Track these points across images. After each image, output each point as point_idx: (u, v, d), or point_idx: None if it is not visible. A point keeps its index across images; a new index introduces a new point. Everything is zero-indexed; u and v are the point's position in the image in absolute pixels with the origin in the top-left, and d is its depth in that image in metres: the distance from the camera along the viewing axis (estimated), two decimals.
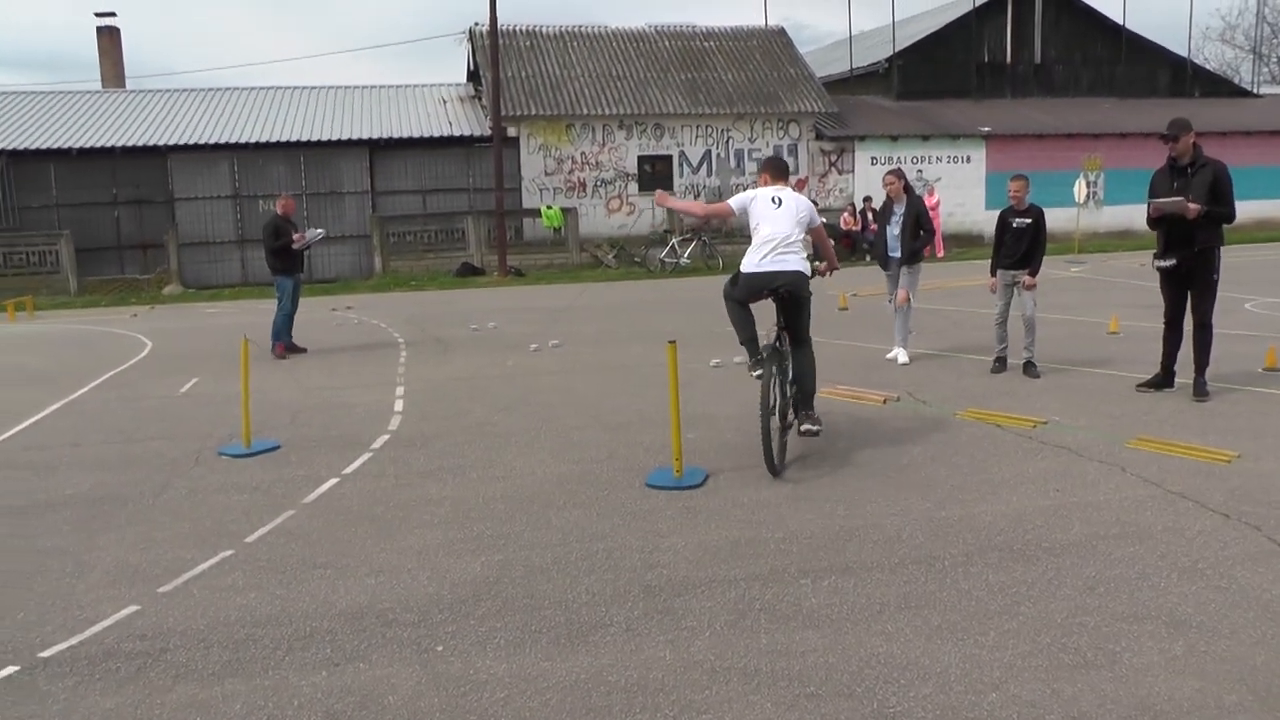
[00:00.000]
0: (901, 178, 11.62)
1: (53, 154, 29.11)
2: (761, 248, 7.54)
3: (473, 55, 34.50)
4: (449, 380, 11.63)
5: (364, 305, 21.67)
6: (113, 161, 29.31)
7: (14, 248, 28.09)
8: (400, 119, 31.98)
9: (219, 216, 29.17)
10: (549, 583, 5.27)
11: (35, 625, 5.19)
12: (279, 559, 5.93)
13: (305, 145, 29.79)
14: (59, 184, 29.15)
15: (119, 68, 39.57)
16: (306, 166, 29.55)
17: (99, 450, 9.17)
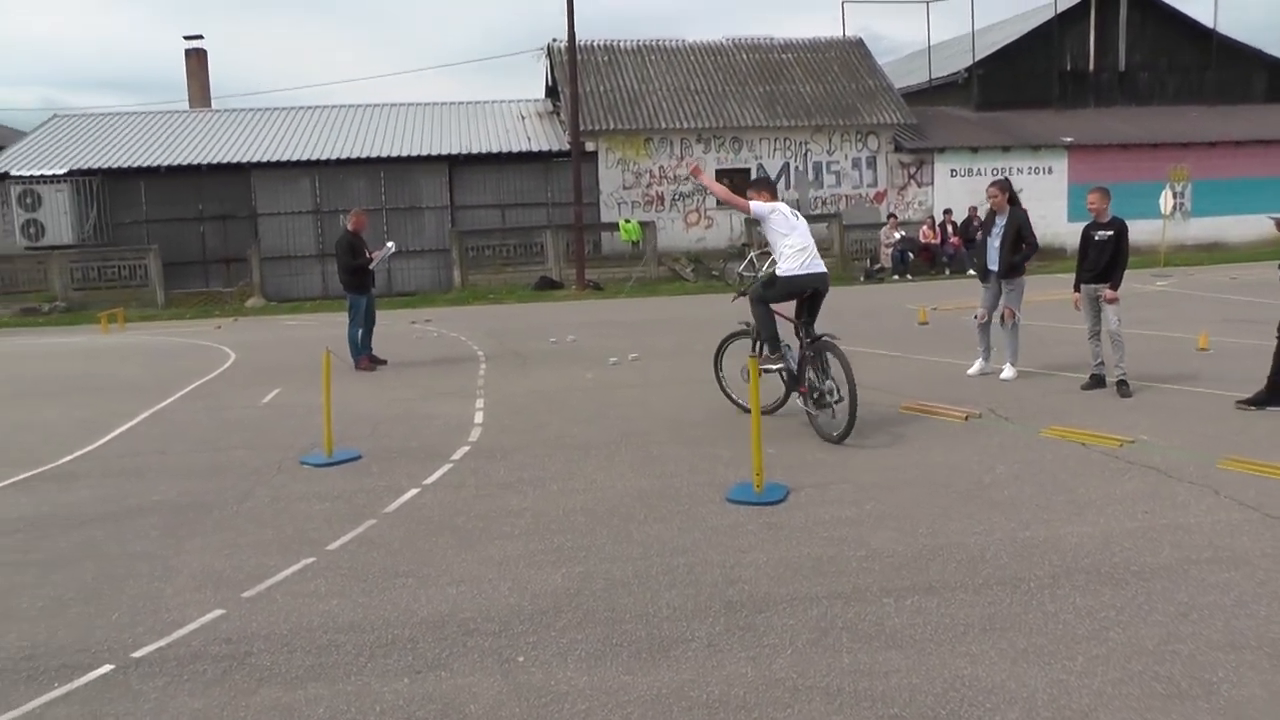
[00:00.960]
0: (1005, 189, 11.29)
1: (143, 172, 29.95)
2: (800, 254, 9.03)
3: (551, 71, 34.81)
4: (528, 393, 11.72)
5: (443, 318, 21.91)
6: (199, 178, 30.07)
7: (107, 261, 28.91)
8: (479, 135, 32.31)
9: (300, 231, 29.74)
10: (630, 596, 5.27)
11: (128, 626, 5.34)
12: (361, 567, 6.01)
13: (385, 161, 30.24)
14: (148, 201, 29.95)
15: (205, 89, 40.62)
16: (386, 182, 29.98)
17: (185, 458, 9.39)
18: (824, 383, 8.80)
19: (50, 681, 4.74)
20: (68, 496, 8.20)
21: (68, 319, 26.90)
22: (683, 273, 28.98)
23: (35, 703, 4.54)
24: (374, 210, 29.05)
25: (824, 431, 8.76)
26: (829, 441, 8.60)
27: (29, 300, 28.32)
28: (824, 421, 8.84)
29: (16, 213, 28.67)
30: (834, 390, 8.76)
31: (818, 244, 9.61)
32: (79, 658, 4.98)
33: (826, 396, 8.76)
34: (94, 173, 29.76)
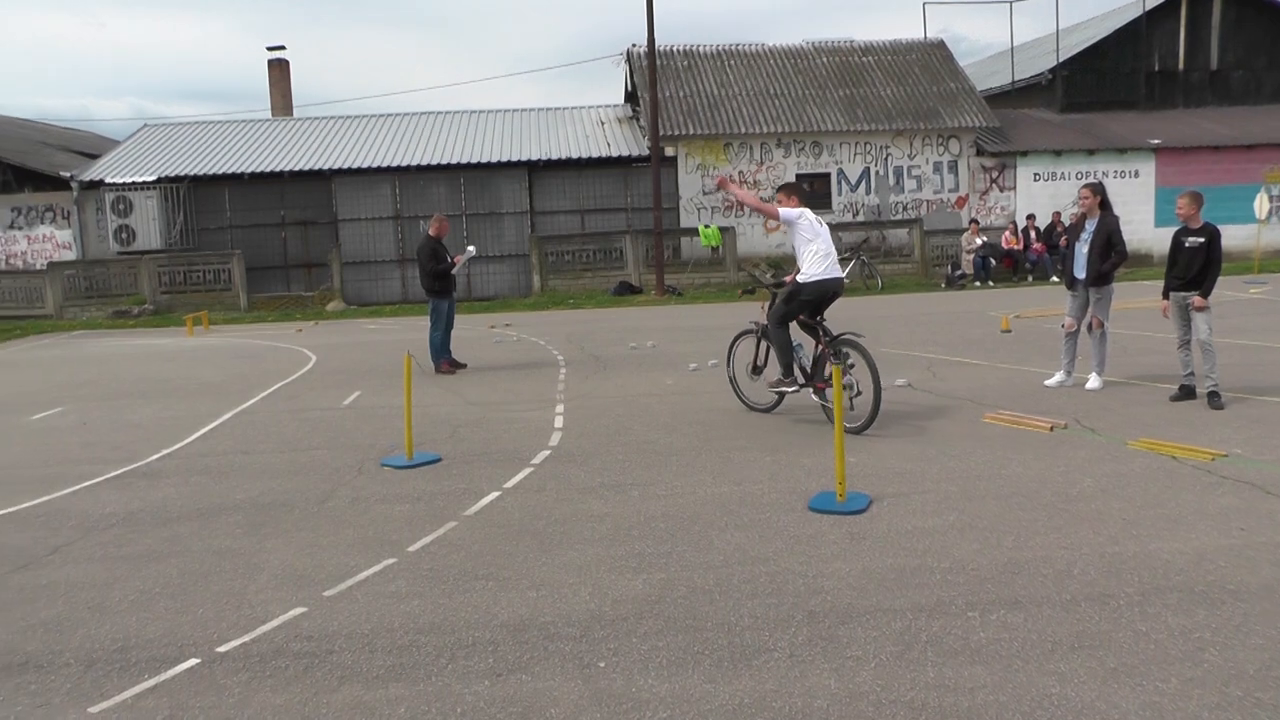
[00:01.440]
0: (1098, 193, 10.89)
1: (227, 179, 30.64)
2: (825, 259, 9.64)
3: (631, 76, 34.92)
4: (608, 398, 11.74)
5: (522, 323, 22.04)
6: (281, 185, 30.69)
7: (193, 266, 29.60)
8: (559, 140, 32.49)
9: (380, 236, 30.15)
10: (711, 604, 5.24)
11: (212, 621, 5.46)
12: (441, 569, 6.05)
13: (465, 167, 30.54)
14: (232, 207, 30.65)
15: (288, 97, 41.45)
16: (466, 187, 30.26)
17: (268, 458, 9.57)
18: (844, 378, 9.03)
19: (140, 673, 4.87)
20: (156, 493, 8.43)
21: (155, 321, 27.54)
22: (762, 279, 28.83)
23: (127, 693, 4.66)
24: (454, 216, 29.42)
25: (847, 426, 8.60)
26: (850, 432, 8.87)
27: (120, 303, 29.14)
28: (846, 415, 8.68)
29: (110, 219, 29.52)
30: (853, 385, 9.21)
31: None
32: (167, 651, 5.11)
33: (845, 391, 8.91)
34: (181, 180, 30.54)
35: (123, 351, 20.50)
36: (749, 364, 10.71)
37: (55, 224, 31.51)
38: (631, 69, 34.55)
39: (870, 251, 28.87)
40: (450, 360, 14.50)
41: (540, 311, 25.62)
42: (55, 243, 31.47)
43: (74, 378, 16.67)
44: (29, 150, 34.63)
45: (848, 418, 8.96)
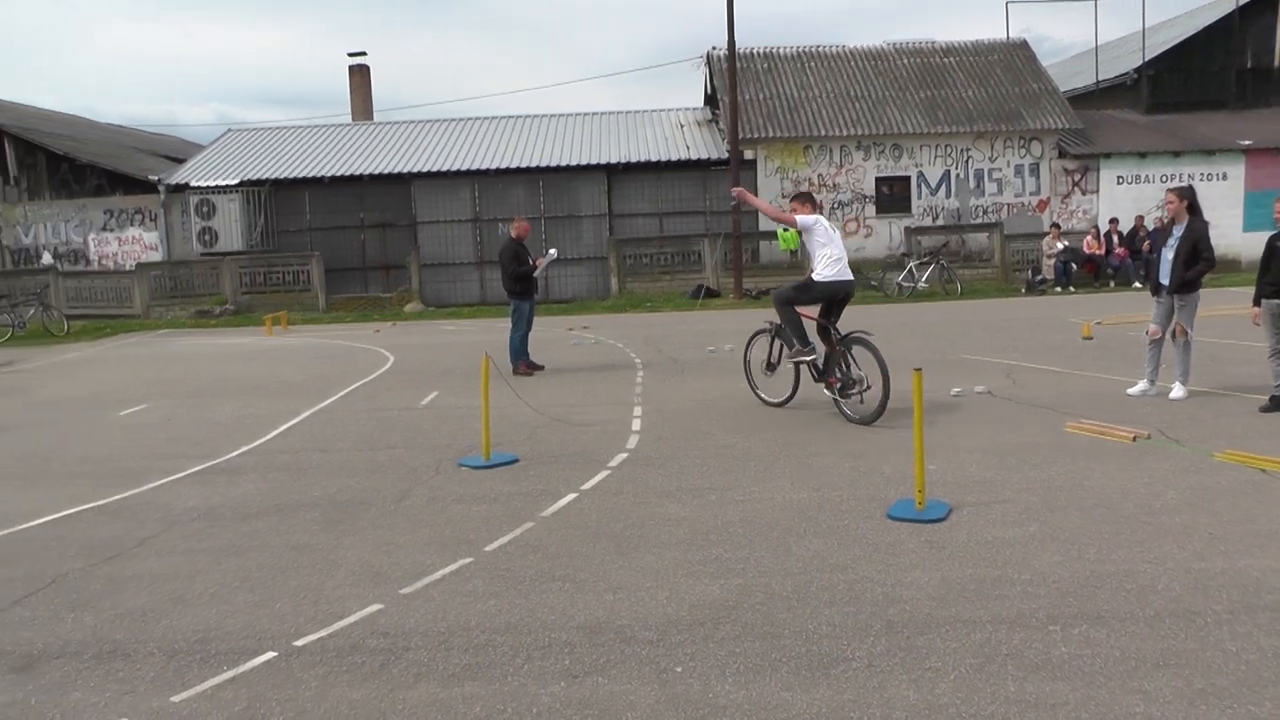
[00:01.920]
0: (1185, 197, 10.61)
1: (308, 182, 31.18)
2: (837, 263, 10.43)
3: (710, 79, 34.87)
4: (686, 401, 11.72)
5: (600, 325, 22.10)
6: (360, 188, 31.12)
7: (273, 267, 30.15)
8: (638, 143, 32.54)
9: (459, 239, 30.44)
10: (789, 611, 5.21)
11: (290, 616, 5.54)
12: (518, 569, 6.08)
13: (544, 170, 30.73)
14: (312, 210, 31.16)
15: (368, 102, 41.97)
16: (545, 191, 30.43)
17: (345, 456, 9.70)
18: (853, 373, 10.15)
19: (220, 664, 4.97)
20: (236, 489, 8.60)
21: (236, 321, 28.02)
22: None
23: (207, 684, 4.76)
24: (533, 219, 29.42)
25: (853, 416, 10.10)
26: (859, 424, 9.92)
27: (203, 303, 29.74)
28: (853, 407, 10.18)
29: (194, 221, 30.20)
30: (863, 380, 10.07)
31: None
32: (246, 643, 5.21)
33: (855, 386, 10.10)
34: (263, 183, 31.18)
35: (205, 350, 20.89)
36: (763, 361, 11.44)
37: (143, 226, 32.34)
38: (711, 72, 34.49)
39: (949, 256, 28.53)
40: (528, 362, 14.58)
41: (618, 314, 25.67)
42: (143, 244, 32.29)
43: (159, 375, 17.04)
44: (120, 155, 35.61)
45: (857, 411, 10.14)
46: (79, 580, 6.43)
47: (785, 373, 11.30)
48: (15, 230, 32.90)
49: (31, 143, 33.32)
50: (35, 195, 33.29)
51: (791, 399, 11.12)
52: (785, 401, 11.12)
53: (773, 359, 11.34)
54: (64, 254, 32.72)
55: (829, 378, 10.41)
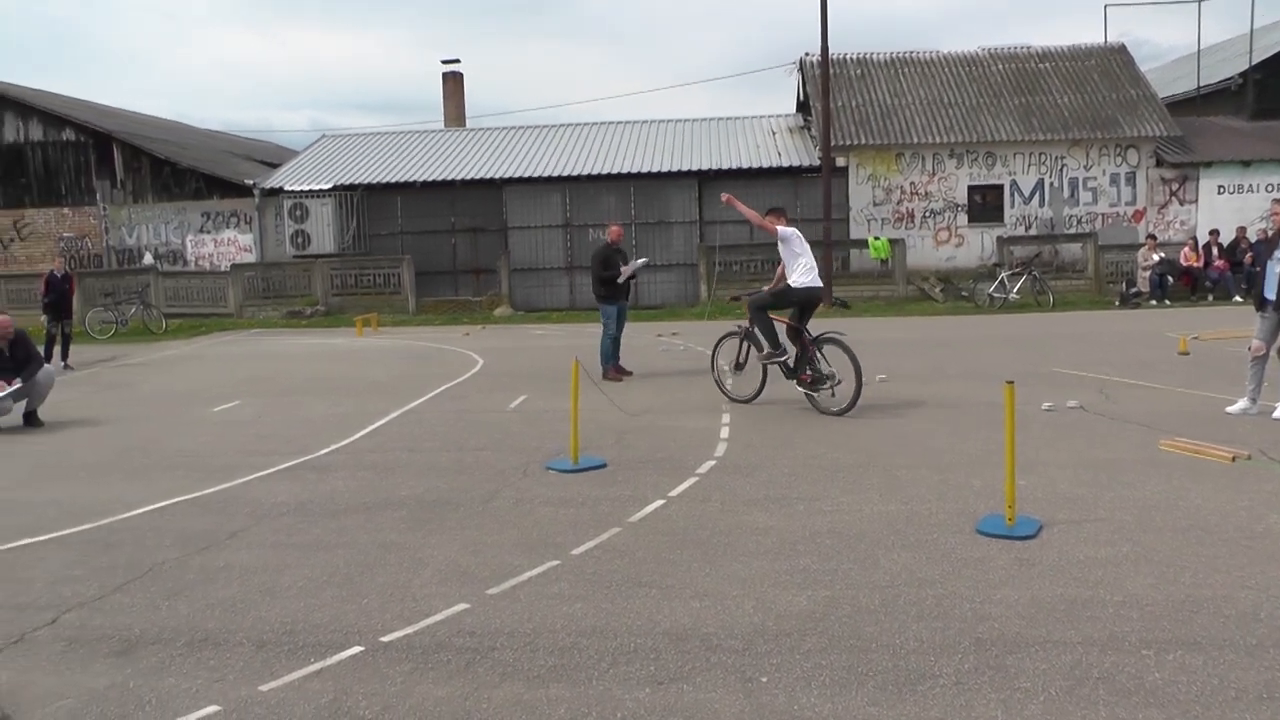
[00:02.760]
0: None
1: (400, 187, 31.63)
2: (810, 271, 11.53)
3: (803, 85, 34.61)
4: (774, 410, 11.64)
5: (689, 332, 22.04)
6: (452, 193, 31.46)
7: (364, 270, 30.62)
8: (729, 150, 32.44)
9: (549, 244, 30.58)
10: (876, 625, 5.15)
11: (377, 612, 5.63)
12: (604, 573, 6.10)
13: (635, 177, 30.72)
14: (404, 214, 31.60)
15: (461, 109, 42.44)
16: (636, 197, 30.43)
17: (433, 456, 9.82)
18: (823, 369, 11.30)
19: (308, 657, 5.07)
20: (325, 486, 8.76)
21: (327, 322, 28.45)
22: (931, 293, 28.31)
23: (294, 675, 4.87)
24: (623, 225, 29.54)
25: (826, 408, 11.27)
26: (831, 415, 11.10)
27: (294, 304, 30.32)
28: (824, 400, 11.35)
29: (287, 224, 30.80)
30: (833, 375, 11.23)
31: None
32: (333, 637, 5.31)
33: (826, 381, 11.26)
34: (355, 188, 31.69)
35: (295, 350, 21.25)
36: (732, 361, 12.39)
37: (238, 228, 33.11)
38: (804, 78, 34.23)
39: (1042, 266, 27.95)
40: (617, 367, 14.62)
41: (707, 321, 25.59)
42: (238, 246, 33.04)
43: (251, 373, 17.39)
44: (218, 160, 36.52)
45: (830, 404, 11.31)
46: (174, 569, 6.63)
47: (752, 372, 12.24)
48: (120, 231, 33.92)
49: (137, 148, 34.27)
50: (139, 198, 34.22)
51: (760, 394, 12.07)
52: (752, 398, 12.06)
53: (741, 359, 12.30)
54: (164, 254, 33.62)
55: (800, 374, 11.47)
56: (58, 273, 20.44)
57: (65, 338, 20.14)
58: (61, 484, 9.47)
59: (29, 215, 34.60)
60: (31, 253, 34.20)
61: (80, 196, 34.34)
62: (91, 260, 33.83)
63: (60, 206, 34.43)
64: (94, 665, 5.15)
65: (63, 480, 9.63)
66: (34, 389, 12.76)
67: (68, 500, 8.75)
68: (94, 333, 27.37)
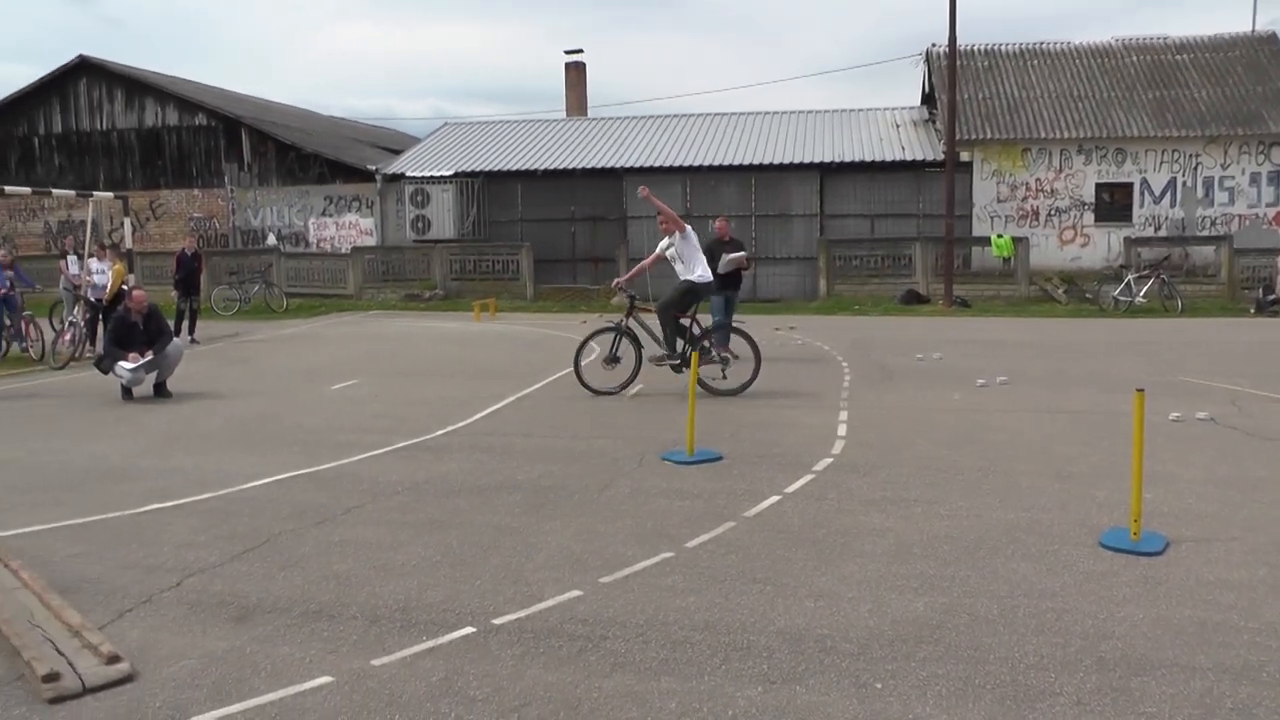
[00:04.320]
0: None
1: (521, 175, 32.02)
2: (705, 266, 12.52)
3: (928, 77, 34.03)
4: (893, 409, 11.45)
5: (807, 327, 21.82)
6: (572, 182, 31.78)
7: (483, 256, 31.07)
8: (852, 143, 32.07)
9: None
10: (994, 636, 4.99)
11: (490, 594, 5.66)
12: (718, 568, 6.04)
13: (756, 168, 30.55)
14: (524, 201, 31.99)
15: (582, 99, 42.69)
16: (757, 188, 30.23)
17: (548, 442, 9.87)
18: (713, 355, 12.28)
19: (420, 634, 5.12)
20: (440, 466, 8.87)
21: (445, 305, 28.85)
22: (1054, 294, 27.60)
23: (406, 651, 4.92)
24: (743, 216, 29.66)
25: (720, 390, 12.18)
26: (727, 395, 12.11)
27: (413, 287, 30.89)
28: (719, 385, 12.23)
29: (408, 209, 31.42)
30: (728, 360, 12.39)
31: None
32: (445, 616, 5.35)
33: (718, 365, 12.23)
34: (476, 175, 32.19)
35: (413, 332, 21.58)
36: (603, 356, 12.52)
37: (360, 212, 33.87)
38: (930, 69, 33.65)
39: (1171, 270, 26.95)
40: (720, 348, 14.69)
41: (825, 316, 25.35)
42: (359, 229, 33.81)
43: (368, 353, 17.72)
44: (341, 146, 37.40)
45: (721, 385, 12.27)
46: (290, 541, 6.79)
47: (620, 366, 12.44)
48: (246, 213, 35.01)
49: (264, 133, 35.38)
50: (264, 181, 35.28)
51: (628, 386, 12.47)
52: (619, 389, 12.39)
53: (617, 353, 12.44)
54: (286, 236, 34.70)
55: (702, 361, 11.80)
56: (188, 251, 21.17)
57: (193, 313, 20.83)
58: (186, 453, 9.80)
59: (163, 196, 35.98)
60: (164, 231, 35.47)
61: (210, 179, 35.62)
62: (218, 240, 35.00)
63: (191, 188, 35.74)
64: (214, 629, 5.31)
65: (188, 450, 9.96)
66: (164, 361, 13.23)
67: (192, 469, 9.06)
68: (219, 309, 28.21)
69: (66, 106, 36.67)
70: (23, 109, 37.12)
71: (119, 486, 8.52)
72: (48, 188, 28.66)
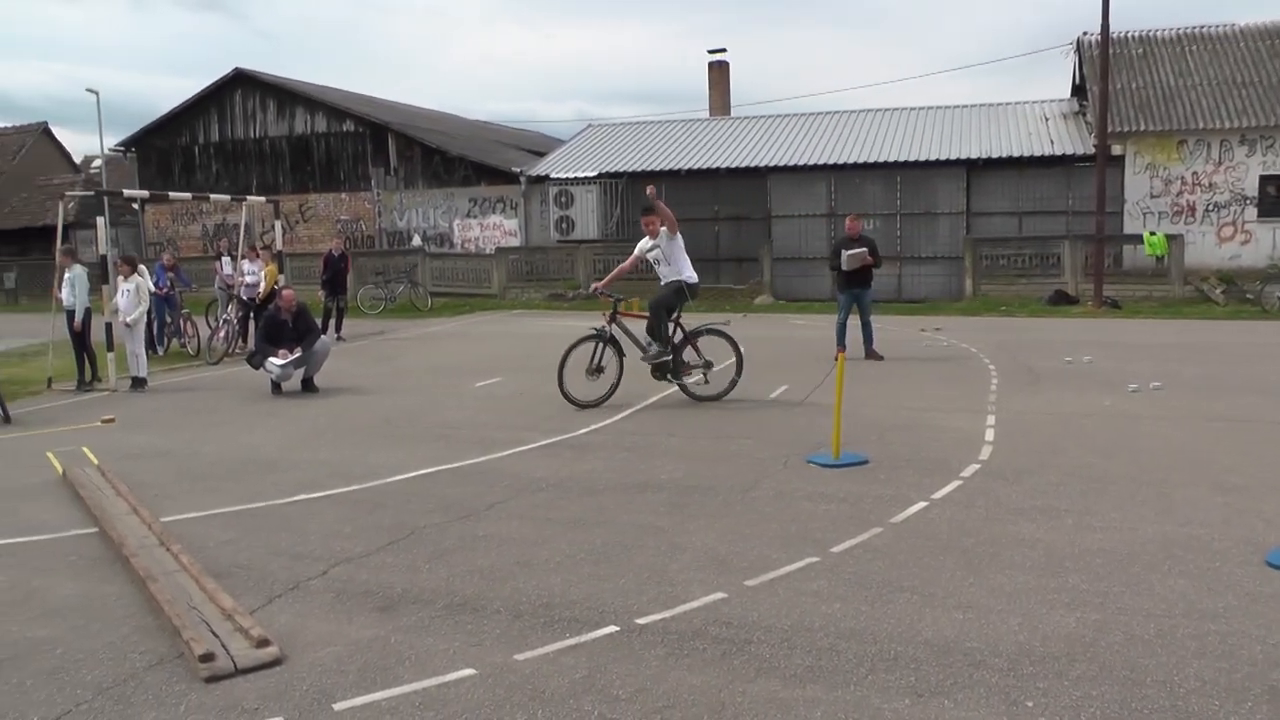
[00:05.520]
0: None
1: (664, 175, 31.90)
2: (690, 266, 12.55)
3: (1079, 67, 32.71)
4: (1041, 414, 11.10)
5: (952, 328, 21.37)
6: (715, 181, 31.63)
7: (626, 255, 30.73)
8: (998, 138, 31.19)
9: (812, 233, 30.26)
10: (1152, 658, 4.75)
11: (633, 593, 5.69)
12: (864, 574, 5.95)
13: (901, 165, 29.98)
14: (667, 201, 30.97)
15: (726, 97, 42.53)
16: (903, 186, 29.72)
17: (692, 442, 9.88)
18: (704, 358, 12.15)
19: (563, 631, 5.18)
20: (584, 464, 8.97)
21: (587, 305, 28.97)
22: (1211, 294, 26.47)
23: (549, 648, 4.98)
24: (888, 215, 29.22)
25: (702, 395, 12.07)
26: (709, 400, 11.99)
27: (556, 287, 31.23)
28: (698, 387, 12.18)
29: (552, 210, 31.80)
30: (710, 364, 12.18)
31: None
32: (588, 614, 5.39)
33: (704, 370, 12.14)
34: (620, 175, 32.29)
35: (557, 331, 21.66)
36: (586, 367, 11.92)
37: (504, 213, 34.44)
38: (1080, 59, 32.34)
39: None
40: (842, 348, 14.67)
41: (970, 317, 24.77)
42: (503, 230, 34.37)
43: (511, 351, 17.97)
44: (486, 149, 38.09)
45: (702, 390, 12.17)
46: (435, 534, 6.95)
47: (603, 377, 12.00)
48: (392, 215, 35.92)
49: (410, 138, 36.18)
50: (410, 184, 36.11)
51: (608, 398, 11.88)
52: (599, 402, 11.81)
53: (601, 363, 11.98)
54: (431, 237, 35.47)
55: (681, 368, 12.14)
56: (335, 252, 21.86)
57: (339, 312, 21.45)
58: (333, 446, 10.10)
59: (311, 199, 37.19)
60: (312, 233, 36.61)
61: (356, 183, 36.67)
62: (364, 241, 35.97)
63: (339, 192, 36.86)
64: (359, 617, 5.46)
65: (334, 443, 10.27)
66: (312, 358, 13.65)
67: (338, 461, 9.33)
68: (365, 308, 28.94)
69: (223, 116, 38.30)
70: (184, 120, 38.93)
71: (269, 477, 8.85)
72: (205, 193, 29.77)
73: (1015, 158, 29.39)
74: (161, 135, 39.24)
